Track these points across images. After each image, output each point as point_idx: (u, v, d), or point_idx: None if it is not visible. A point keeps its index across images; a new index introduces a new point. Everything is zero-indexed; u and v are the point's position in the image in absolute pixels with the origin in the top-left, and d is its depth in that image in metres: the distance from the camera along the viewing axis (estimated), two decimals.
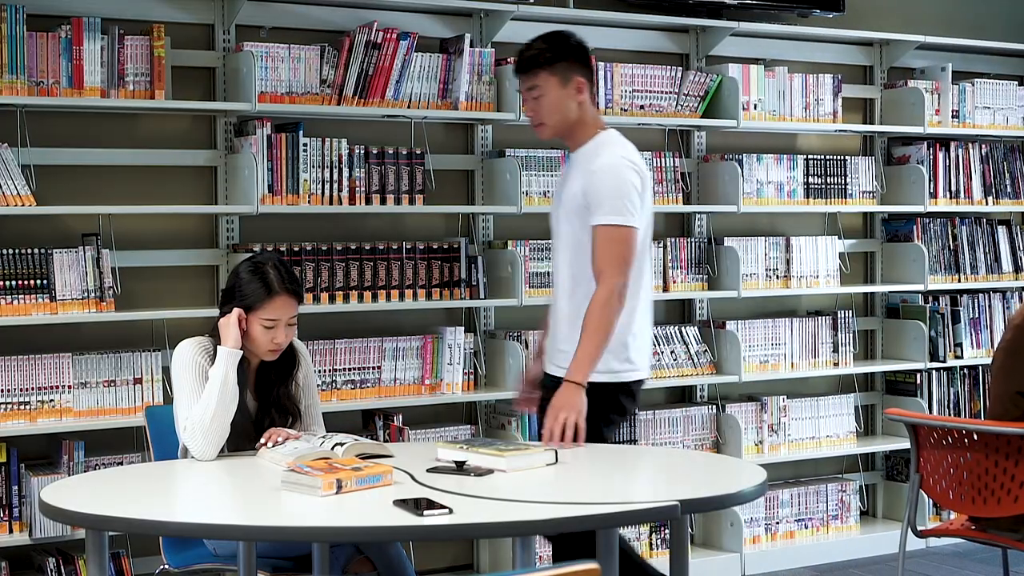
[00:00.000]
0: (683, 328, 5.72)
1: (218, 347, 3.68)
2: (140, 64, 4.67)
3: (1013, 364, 4.21)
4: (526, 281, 5.27)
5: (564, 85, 3.97)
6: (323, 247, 4.96)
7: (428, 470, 3.47)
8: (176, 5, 4.91)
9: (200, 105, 4.87)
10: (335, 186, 4.96)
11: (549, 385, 4.00)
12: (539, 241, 5.33)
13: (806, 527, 6.02)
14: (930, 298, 6.30)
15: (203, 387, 3.66)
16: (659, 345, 5.62)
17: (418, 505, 3.04)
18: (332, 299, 4.95)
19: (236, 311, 3.71)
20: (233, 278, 3.79)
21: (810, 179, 5.96)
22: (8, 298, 4.48)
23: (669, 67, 5.65)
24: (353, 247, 5.00)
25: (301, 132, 4.92)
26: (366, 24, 5.00)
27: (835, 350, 6.03)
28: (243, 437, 3.74)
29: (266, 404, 3.80)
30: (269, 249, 4.84)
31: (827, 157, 6.01)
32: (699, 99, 5.69)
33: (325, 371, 4.96)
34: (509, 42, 5.38)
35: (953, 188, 6.33)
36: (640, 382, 4.07)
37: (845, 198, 6.05)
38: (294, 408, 3.85)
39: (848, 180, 6.05)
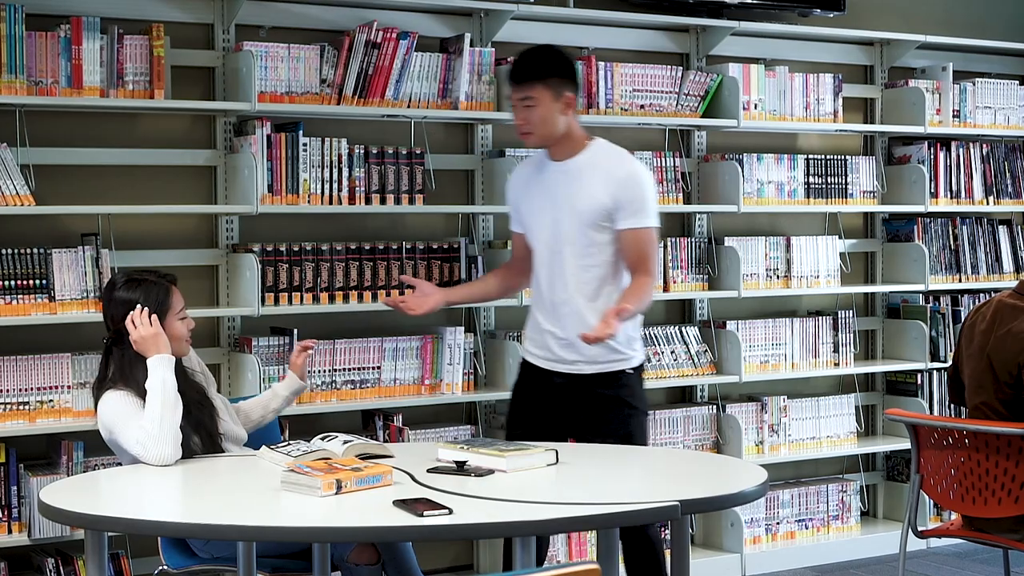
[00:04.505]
0: (683, 328, 5.71)
1: (148, 358, 3.70)
2: (139, 64, 4.67)
3: (990, 371, 4.27)
4: None
5: (556, 99, 4.18)
6: (323, 247, 4.95)
7: (428, 470, 3.48)
8: (176, 5, 4.90)
9: (199, 105, 4.86)
10: (335, 186, 4.95)
11: (542, 381, 4.28)
12: None
13: (807, 527, 6.01)
14: (931, 298, 6.29)
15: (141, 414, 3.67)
16: (659, 345, 5.62)
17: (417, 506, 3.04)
18: (332, 299, 4.94)
19: (153, 317, 3.75)
20: (119, 307, 3.78)
21: (810, 179, 5.96)
22: (7, 298, 4.47)
23: (669, 67, 5.64)
24: (353, 247, 4.99)
25: (301, 132, 4.91)
26: (366, 24, 5.00)
27: (836, 350, 6.02)
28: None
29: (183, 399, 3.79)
30: (268, 249, 4.84)
31: (827, 157, 6.01)
32: (699, 99, 5.68)
33: (325, 371, 4.96)
34: (509, 42, 5.37)
35: (954, 188, 6.33)
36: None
37: (846, 198, 6.04)
38: (203, 394, 3.90)
39: (849, 180, 6.04)
